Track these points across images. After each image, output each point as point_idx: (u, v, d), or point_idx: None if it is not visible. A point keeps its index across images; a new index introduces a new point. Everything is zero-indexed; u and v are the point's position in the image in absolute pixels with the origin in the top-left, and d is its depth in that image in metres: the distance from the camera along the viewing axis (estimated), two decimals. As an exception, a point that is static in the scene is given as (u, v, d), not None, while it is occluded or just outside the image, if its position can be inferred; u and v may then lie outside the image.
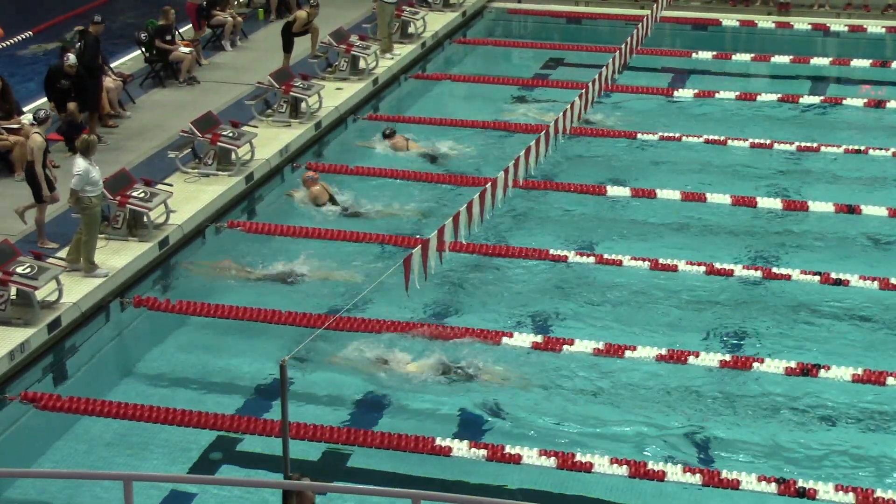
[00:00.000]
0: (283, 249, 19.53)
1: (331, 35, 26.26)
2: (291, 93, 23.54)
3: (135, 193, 19.09)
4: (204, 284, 18.60)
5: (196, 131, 21.39)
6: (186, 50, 25.51)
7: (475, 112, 25.06)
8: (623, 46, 23.70)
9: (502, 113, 25.26)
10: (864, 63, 27.67)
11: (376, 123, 24.49)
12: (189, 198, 20.25)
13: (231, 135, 21.46)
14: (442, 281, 18.45)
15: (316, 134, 23.62)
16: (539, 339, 16.94)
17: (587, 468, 14.37)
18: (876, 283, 18.15)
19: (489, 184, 17.75)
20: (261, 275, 18.75)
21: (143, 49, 25.44)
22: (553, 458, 14.51)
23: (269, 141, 22.52)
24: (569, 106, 20.84)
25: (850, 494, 13.88)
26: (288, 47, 25.90)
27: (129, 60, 25.74)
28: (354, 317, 17.26)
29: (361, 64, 26.17)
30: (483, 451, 14.67)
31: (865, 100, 25.29)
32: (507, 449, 14.68)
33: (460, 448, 14.73)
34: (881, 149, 22.82)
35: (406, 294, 15.52)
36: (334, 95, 24.84)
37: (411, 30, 28.60)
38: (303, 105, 23.80)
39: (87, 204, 17.73)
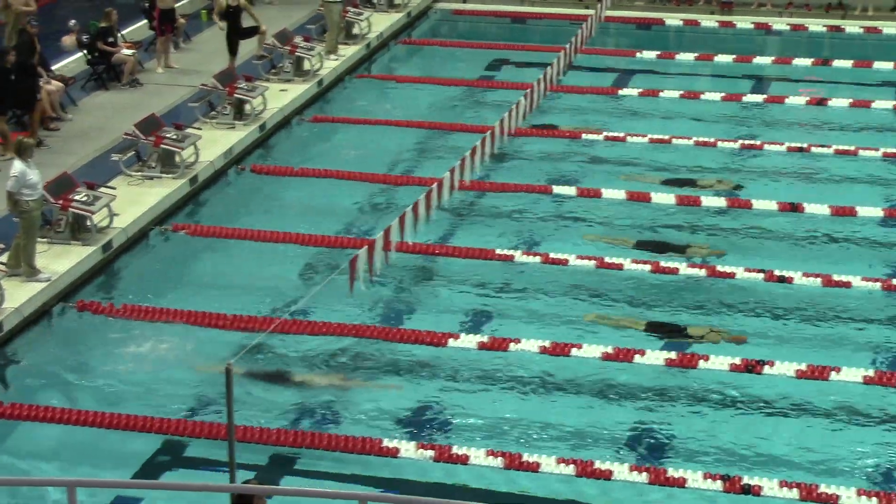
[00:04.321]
0: (227, 252, 19.44)
1: (275, 36, 26.16)
2: (236, 94, 23.43)
3: (77, 197, 18.92)
4: (148, 288, 18.46)
5: (139, 134, 21.23)
6: (129, 52, 25.32)
7: (420, 113, 25.04)
8: (568, 46, 23.76)
9: (448, 113, 25.26)
10: (805, 62, 27.89)
11: (321, 125, 24.43)
12: (133, 201, 20.10)
13: (175, 137, 21.32)
14: (388, 282, 18.42)
15: (261, 136, 23.52)
16: (485, 338, 16.95)
17: (534, 468, 14.39)
18: (819, 279, 18.29)
19: (435, 184, 17.75)
20: (205, 278, 18.63)
21: (85, 51, 25.22)
22: (500, 458, 14.52)
23: (214, 143, 22.40)
24: (514, 106, 20.88)
25: (795, 490, 13.98)
26: (232, 49, 25.78)
27: (71, 63, 25.50)
28: (300, 319, 17.19)
29: (306, 65, 26.08)
30: (431, 452, 14.66)
31: (807, 98, 25.48)
32: (455, 449, 14.67)
33: (408, 449, 14.70)
34: (824, 146, 23.01)
35: (350, 295, 15.49)
36: (279, 97, 24.74)
37: (356, 30, 28.54)
38: (247, 107, 23.69)
39: (24, 207, 17.55)
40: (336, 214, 20.72)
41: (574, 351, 16.60)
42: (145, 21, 27.43)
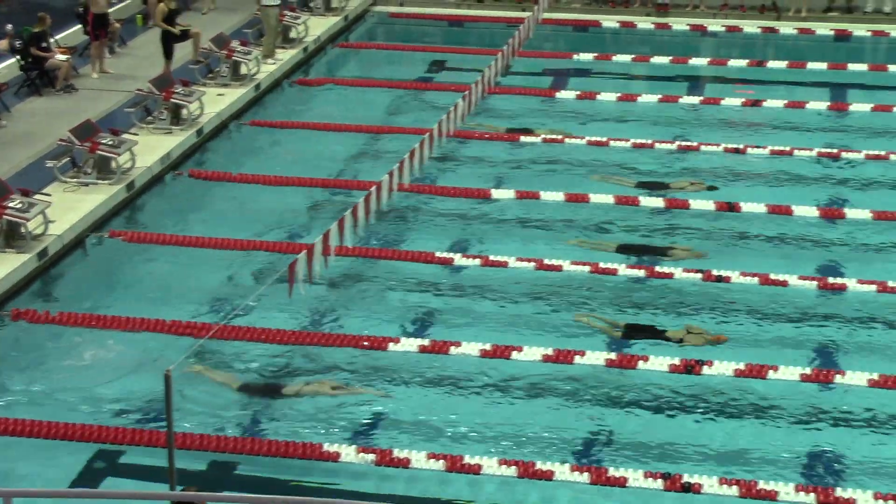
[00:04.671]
0: (165, 258, 19.30)
1: (211, 41, 26.02)
2: (172, 99, 23.27)
3: (11, 204, 18.71)
4: (85, 295, 18.29)
5: (74, 140, 21.03)
6: (63, 57, 25.08)
7: (359, 116, 25.00)
8: (505, 48, 23.83)
9: (386, 116, 25.23)
10: (741, 63, 28.12)
11: (259, 129, 24.33)
12: (68, 208, 19.90)
13: (111, 143, 21.13)
14: (328, 286, 18.36)
15: (198, 140, 23.38)
16: (426, 342, 16.93)
17: (475, 470, 14.39)
18: (756, 279, 18.43)
19: (374, 187, 17.72)
20: (143, 284, 18.49)
21: (18, 57, 24.95)
22: (441, 460, 14.51)
23: (151, 149, 22.23)
24: (452, 108, 20.90)
25: (734, 487, 14.07)
26: (168, 53, 25.60)
27: (4, 69, 25.24)
28: (239, 325, 17.09)
29: (243, 69, 25.95)
30: (372, 456, 14.62)
31: (743, 99, 25.69)
32: (396, 453, 14.64)
33: (348, 453, 14.65)
34: (759, 147, 23.19)
35: (289, 299, 15.43)
36: (216, 101, 24.61)
37: (293, 34, 28.46)
38: (184, 112, 23.54)
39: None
40: (274, 219, 20.62)
41: (514, 354, 16.61)
42: (79, 26, 27.22)
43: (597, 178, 21.97)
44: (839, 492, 14.00)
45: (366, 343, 16.83)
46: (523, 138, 23.76)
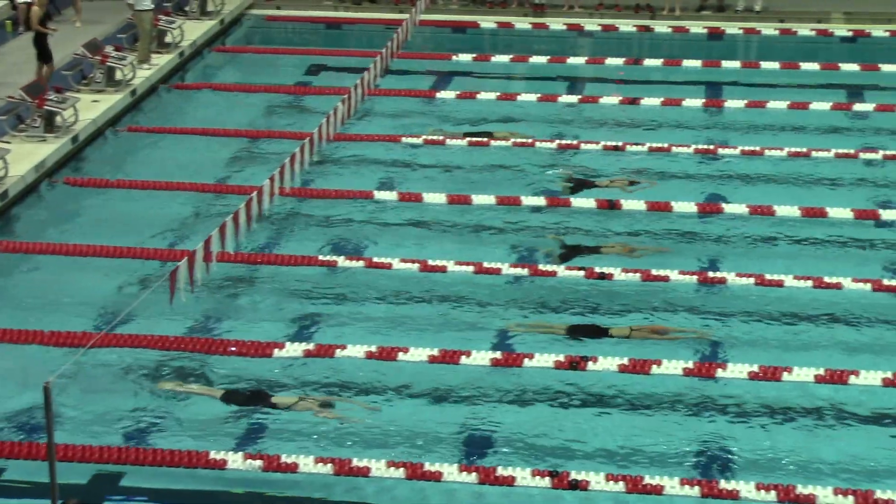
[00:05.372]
0: (42, 267, 18.95)
1: (85, 46, 25.57)
2: (45, 106, 22.83)
3: None
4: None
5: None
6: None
7: (238, 121, 24.78)
8: (384, 50, 23.79)
9: (265, 120, 25.05)
10: (618, 61, 28.41)
11: (136, 135, 24.01)
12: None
13: (-19, 152, 20.70)
14: (210, 292, 18.16)
15: (73, 148, 22.97)
16: (311, 346, 16.83)
17: (364, 472, 14.36)
18: (638, 275, 18.62)
19: (255, 192, 17.58)
20: (20, 295, 18.13)
21: None
22: (330, 464, 14.44)
23: (24, 157, 21.80)
24: (332, 111, 20.82)
25: (621, 483, 14.19)
26: (46, 57, 25.07)
27: None
28: (120, 333, 16.83)
29: (118, 75, 25.56)
30: (259, 462, 14.49)
31: (621, 97, 25.95)
32: (284, 458, 14.53)
33: (235, 460, 14.51)
34: (637, 144, 23.44)
35: (170, 307, 15.24)
36: (91, 108, 24.20)
37: (168, 39, 28.11)
38: (58, 119, 23.11)
39: None
40: (154, 226, 20.34)
41: (401, 355, 16.59)
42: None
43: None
44: (723, 484, 14.19)
45: (233, 349, 16.69)
46: (405, 139, 23.72)
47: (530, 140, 23.66)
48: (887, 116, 25.01)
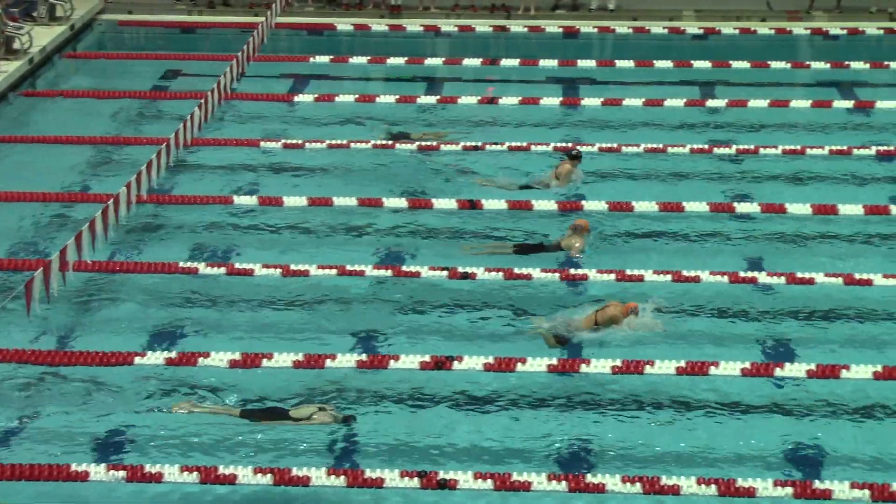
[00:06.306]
0: None
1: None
2: None
3: None
4: None
5: None
6: None
7: (92, 127, 24.36)
8: (240, 54, 23.60)
9: (121, 127, 24.67)
10: (475, 62, 28.56)
11: (-13, 144, 23.54)
12: None
13: None
14: (68, 303, 17.82)
15: (-80, 158, 22.41)
16: (173, 354, 16.60)
17: (231, 480, 14.21)
18: (501, 273, 18.71)
19: (111, 200, 17.31)
20: None
21: None
22: (195, 472, 14.25)
23: None
24: (189, 116, 20.59)
25: (489, 481, 14.23)
26: None
27: None
28: (-25, 347, 16.46)
29: (-34, 83, 25.02)
30: (122, 473, 14.25)
31: (479, 97, 26.08)
32: (148, 468, 14.30)
33: (98, 472, 14.24)
34: (496, 143, 23.58)
35: (28, 319, 14.93)
36: (-62, 117, 23.65)
37: (17, 45, 27.50)
38: None
39: None
40: (8, 236, 19.90)
41: (265, 361, 16.46)
42: None
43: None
44: (589, 478, 14.33)
45: (111, 359, 16.41)
46: (263, 143, 23.55)
47: (390, 142, 23.67)
48: (739, 111, 25.54)
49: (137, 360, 16.47)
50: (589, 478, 14.32)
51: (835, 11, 31.53)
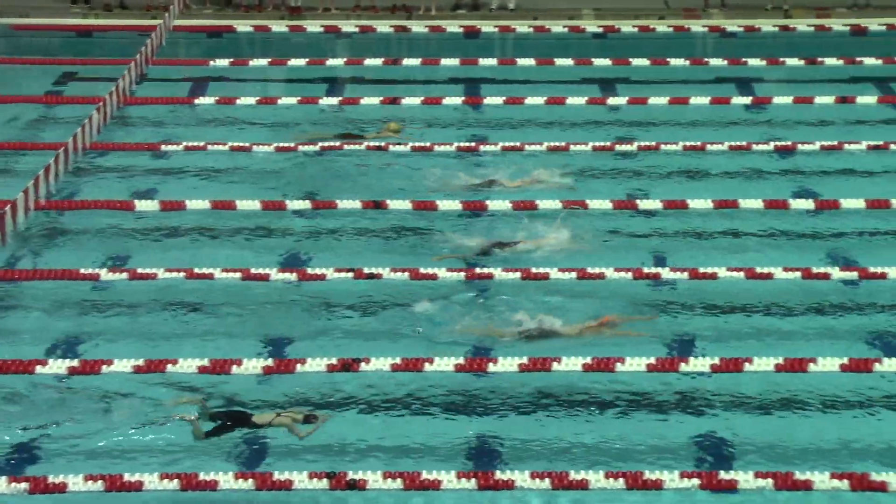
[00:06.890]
0: None
1: None
2: None
3: None
4: None
5: None
6: None
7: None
8: (138, 57, 23.34)
9: (16, 132, 24.28)
10: (377, 62, 28.53)
11: None
12: None
13: None
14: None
15: None
16: (76, 363, 16.38)
17: (137, 487, 14.05)
18: (406, 273, 18.71)
19: (7, 206, 17.03)
20: None
21: None
22: (101, 481, 14.07)
23: None
24: (87, 120, 20.32)
25: (398, 481, 14.22)
26: None
27: None
28: None
29: None
30: (24, 485, 14.03)
31: (381, 98, 26.02)
32: (52, 479, 14.09)
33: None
34: (402, 144, 23.57)
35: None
36: None
37: None
38: None
39: None
40: None
41: (170, 367, 16.29)
42: None
43: None
44: (498, 474, 14.36)
45: (11, 368, 16.17)
46: (164, 147, 23.32)
47: (293, 144, 23.56)
48: (639, 109, 25.78)
49: (39, 368, 16.22)
50: (498, 474, 14.35)
51: (724, 9, 31.84)
